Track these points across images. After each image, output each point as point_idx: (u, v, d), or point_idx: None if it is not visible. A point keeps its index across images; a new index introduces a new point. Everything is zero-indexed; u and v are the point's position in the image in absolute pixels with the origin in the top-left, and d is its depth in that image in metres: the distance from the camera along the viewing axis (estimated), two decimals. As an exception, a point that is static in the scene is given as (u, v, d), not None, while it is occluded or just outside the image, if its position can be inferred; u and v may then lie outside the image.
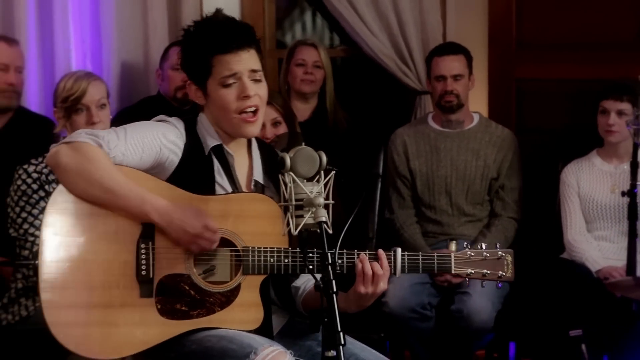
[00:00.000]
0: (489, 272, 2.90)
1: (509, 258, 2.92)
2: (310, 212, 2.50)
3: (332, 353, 2.38)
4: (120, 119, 4.45)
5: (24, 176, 3.74)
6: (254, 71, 2.81)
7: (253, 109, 2.81)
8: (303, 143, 2.60)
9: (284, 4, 5.53)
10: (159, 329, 2.67)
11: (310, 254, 2.65)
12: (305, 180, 2.55)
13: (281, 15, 5.48)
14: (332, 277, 2.43)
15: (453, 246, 4.35)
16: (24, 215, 3.72)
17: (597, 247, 4.31)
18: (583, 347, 3.97)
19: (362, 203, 2.87)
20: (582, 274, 4.17)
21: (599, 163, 4.42)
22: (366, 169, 4.63)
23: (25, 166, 3.75)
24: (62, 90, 3.79)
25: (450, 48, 4.58)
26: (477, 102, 4.99)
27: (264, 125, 4.16)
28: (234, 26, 2.81)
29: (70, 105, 3.76)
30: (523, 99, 5.06)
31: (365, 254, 2.81)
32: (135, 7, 4.94)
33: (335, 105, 4.84)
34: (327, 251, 2.46)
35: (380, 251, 2.81)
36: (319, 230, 2.50)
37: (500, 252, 2.92)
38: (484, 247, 2.93)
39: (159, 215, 2.64)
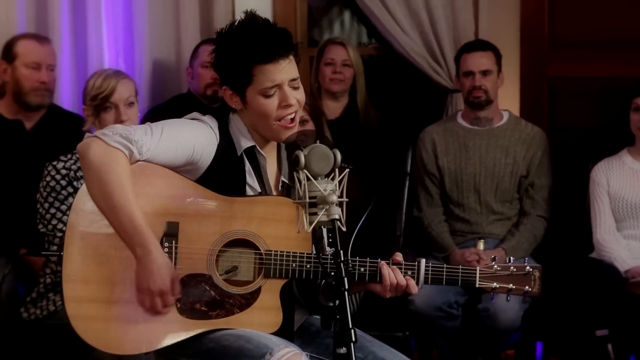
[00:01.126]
0: (514, 287, 2.84)
1: (537, 273, 2.86)
2: (323, 210, 2.49)
3: (343, 350, 2.38)
4: (150, 117, 4.53)
5: (52, 172, 3.80)
6: (293, 80, 2.79)
7: (293, 115, 2.81)
8: (318, 141, 2.59)
9: (316, 2, 5.54)
10: (177, 327, 2.69)
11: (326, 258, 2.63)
12: (319, 178, 2.54)
13: (314, 14, 5.49)
14: (343, 275, 2.42)
15: (481, 245, 4.39)
16: (52, 211, 3.77)
17: (626, 246, 4.28)
18: (609, 347, 3.95)
19: (374, 204, 2.84)
20: (610, 274, 4.14)
21: (630, 162, 4.39)
22: (394, 167, 4.62)
23: (55, 163, 3.80)
24: (91, 88, 3.84)
25: (478, 45, 4.58)
26: (509, 100, 4.98)
27: (291, 123, 4.20)
28: (274, 34, 2.76)
29: (99, 103, 3.81)
30: (555, 97, 5.03)
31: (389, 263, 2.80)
32: (167, 6, 4.99)
33: (366, 103, 4.85)
34: (339, 249, 2.46)
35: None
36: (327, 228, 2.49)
37: (528, 267, 2.86)
38: (512, 260, 2.88)
39: (142, 251, 2.61)
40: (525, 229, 4.43)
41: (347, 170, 2.60)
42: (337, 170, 2.58)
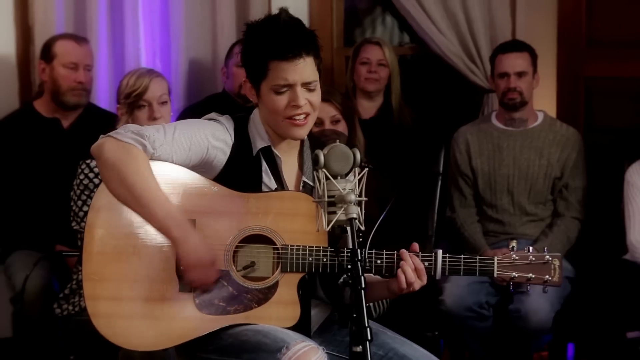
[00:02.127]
0: (534, 276, 2.83)
1: (557, 262, 2.85)
2: (342, 209, 2.51)
3: (359, 349, 2.39)
4: (186, 116, 4.58)
5: (86, 171, 3.85)
6: (307, 83, 2.79)
7: (303, 116, 2.82)
8: (338, 141, 2.61)
9: (354, 2, 5.55)
10: (196, 323, 2.72)
11: (342, 251, 2.65)
12: (339, 177, 2.55)
13: (351, 14, 5.50)
14: (360, 273, 2.43)
15: (513, 245, 4.35)
16: (85, 209, 3.82)
17: (660, 248, 4.23)
18: (641, 349, 3.92)
19: (393, 204, 2.85)
20: (642, 276, 4.10)
21: (665, 163, 4.34)
22: (427, 167, 4.62)
23: (88, 161, 3.86)
24: (125, 87, 3.90)
25: (514, 45, 4.55)
26: (545, 100, 4.95)
27: (322, 122, 4.21)
28: (296, 31, 2.78)
29: (133, 101, 3.87)
30: (591, 97, 4.99)
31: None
32: (204, 6, 5.03)
33: (400, 103, 4.85)
34: (356, 248, 2.47)
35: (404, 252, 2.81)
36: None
37: (547, 256, 2.85)
38: (531, 250, 2.88)
39: (178, 231, 2.65)
40: (559, 230, 4.40)
41: (367, 169, 2.60)
42: (356, 169, 2.59)
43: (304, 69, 2.78)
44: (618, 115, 4.89)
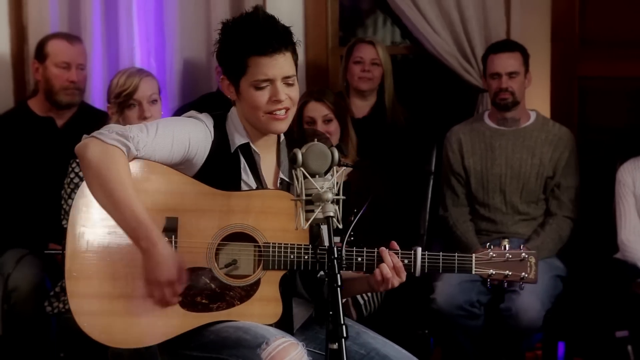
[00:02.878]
0: (511, 273, 2.89)
1: (533, 259, 2.91)
2: (319, 207, 2.52)
3: (335, 346, 2.40)
4: (180, 114, 4.58)
5: (77, 169, 3.89)
6: (287, 77, 2.83)
7: (283, 110, 2.85)
8: (316, 140, 2.62)
9: (348, 2, 5.56)
10: (179, 320, 2.74)
11: (322, 248, 2.67)
12: (317, 176, 2.57)
13: (346, 13, 5.51)
14: (337, 271, 2.45)
15: (505, 244, 4.36)
16: (75, 207, 3.85)
17: (651, 247, 4.24)
18: (629, 348, 3.92)
19: (370, 203, 2.86)
20: (632, 275, 4.10)
21: (657, 162, 4.34)
22: (419, 166, 4.63)
23: (79, 160, 3.87)
24: (115, 87, 3.93)
25: (505, 45, 4.55)
26: (539, 99, 4.95)
27: (315, 122, 4.24)
28: (273, 27, 2.80)
29: (123, 100, 3.90)
30: (585, 96, 4.98)
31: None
32: (199, 6, 5.05)
33: (394, 102, 4.86)
34: (332, 245, 2.48)
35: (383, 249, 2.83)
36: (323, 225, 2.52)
37: (523, 254, 2.91)
38: (507, 248, 2.92)
39: (146, 244, 2.64)
40: (551, 229, 4.41)
41: (344, 168, 2.62)
42: (335, 168, 2.61)
43: (284, 64, 2.81)
44: (612, 114, 4.90)
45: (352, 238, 3.70)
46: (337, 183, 2.57)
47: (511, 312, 4.11)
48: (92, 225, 2.75)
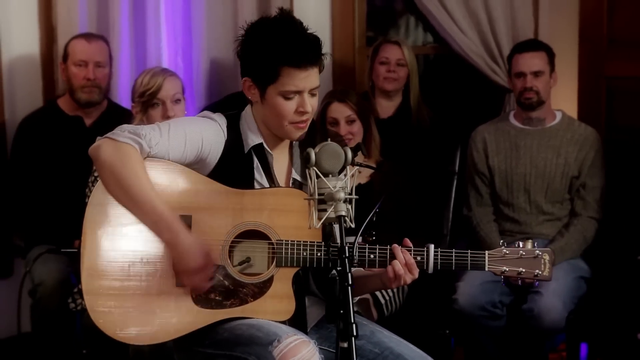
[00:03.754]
0: (524, 270, 2.90)
1: (547, 257, 2.91)
2: (332, 207, 2.54)
3: (345, 344, 2.42)
4: (206, 115, 4.62)
5: (101, 168, 3.92)
6: (314, 88, 2.86)
7: (306, 120, 2.88)
8: (329, 139, 2.64)
9: (376, 2, 5.57)
10: (193, 317, 2.77)
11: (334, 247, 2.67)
12: (331, 175, 2.59)
13: (373, 13, 5.51)
14: (348, 270, 2.47)
15: (529, 245, 4.35)
16: (99, 205, 3.89)
17: (675, 249, 4.21)
18: (651, 350, 3.90)
19: (390, 202, 2.88)
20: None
21: (682, 163, 4.31)
22: (443, 166, 4.63)
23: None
24: (139, 86, 3.98)
25: (530, 45, 4.54)
26: (567, 99, 4.94)
27: (338, 123, 4.25)
28: (308, 39, 2.82)
29: (147, 99, 3.95)
30: (613, 96, 4.95)
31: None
32: (226, 6, 5.06)
33: (419, 103, 4.85)
34: (344, 245, 2.50)
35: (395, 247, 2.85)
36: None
37: (537, 251, 2.91)
38: (521, 245, 2.92)
39: (170, 235, 2.70)
40: (575, 230, 4.38)
41: (356, 168, 2.64)
42: (347, 168, 2.63)
43: (314, 77, 2.84)
44: (639, 114, 4.85)
45: (374, 238, 3.72)
46: (350, 182, 2.58)
47: (533, 313, 4.10)
48: (106, 223, 2.79)
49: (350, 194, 2.58)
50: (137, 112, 3.97)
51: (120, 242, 2.78)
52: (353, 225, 2.58)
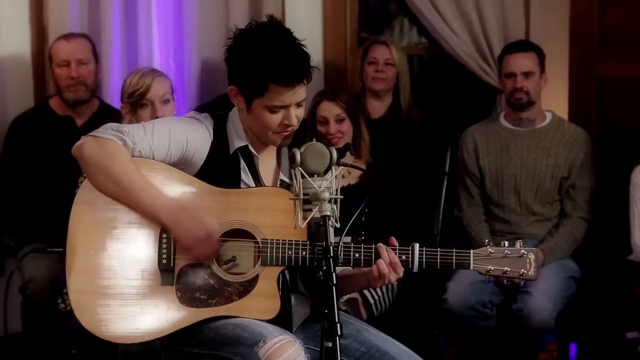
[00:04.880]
0: (509, 269, 2.89)
1: (532, 256, 2.90)
2: (317, 206, 2.55)
3: (330, 344, 2.43)
4: (196, 115, 4.62)
5: (90, 168, 3.92)
6: (300, 102, 2.85)
7: (290, 129, 2.88)
8: (314, 140, 2.65)
9: (367, 2, 5.57)
10: (178, 316, 2.77)
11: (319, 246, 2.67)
12: (316, 175, 2.60)
13: (365, 14, 5.52)
14: (332, 270, 2.47)
15: (519, 245, 4.35)
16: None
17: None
18: (640, 349, 3.91)
19: (368, 202, 2.87)
20: (644, 277, 4.09)
21: (672, 164, 4.31)
22: (433, 166, 4.64)
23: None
24: (128, 86, 3.98)
25: (520, 45, 4.55)
26: (557, 100, 4.94)
27: (327, 122, 4.26)
28: (297, 57, 2.79)
29: (136, 100, 3.95)
30: (603, 97, 4.96)
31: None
32: (217, 6, 5.07)
33: (410, 103, 4.86)
34: (329, 245, 2.51)
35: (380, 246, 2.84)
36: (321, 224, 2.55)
37: (522, 251, 2.91)
38: (506, 244, 2.92)
39: (168, 215, 2.74)
40: (565, 230, 4.39)
41: (341, 168, 2.65)
42: (333, 168, 2.63)
43: (302, 92, 2.84)
44: (630, 115, 4.85)
45: (363, 238, 3.72)
46: (335, 183, 2.59)
47: (523, 313, 4.11)
48: (91, 222, 2.80)
49: (336, 194, 2.59)
50: (126, 112, 3.98)
51: (105, 241, 2.78)
52: (338, 225, 2.59)
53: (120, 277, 2.77)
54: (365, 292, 4.02)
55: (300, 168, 2.59)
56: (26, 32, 4.94)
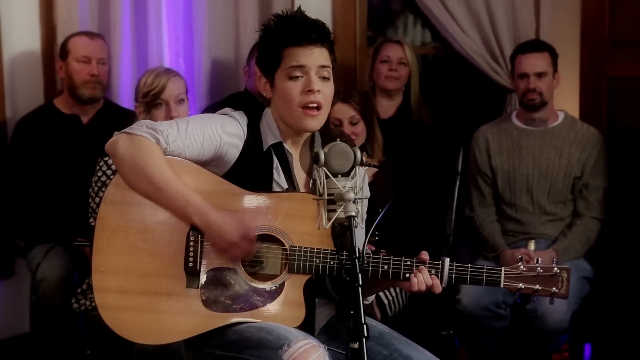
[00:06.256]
0: (541, 287, 2.80)
1: (565, 275, 2.81)
2: (341, 207, 2.53)
3: (356, 345, 2.41)
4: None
5: (104, 168, 3.91)
6: (322, 67, 2.82)
7: (315, 105, 2.82)
8: (338, 139, 2.63)
9: (377, 2, 5.56)
10: (202, 319, 2.75)
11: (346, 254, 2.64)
12: (340, 175, 2.58)
13: (374, 13, 5.51)
14: (358, 271, 2.45)
15: (532, 245, 4.36)
16: (103, 205, 3.87)
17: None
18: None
19: (393, 202, 2.84)
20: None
21: (684, 163, 4.31)
22: (445, 166, 4.62)
23: (106, 158, 3.91)
24: (142, 86, 3.96)
25: (534, 45, 4.54)
26: (568, 100, 4.93)
27: (341, 123, 4.23)
28: (310, 22, 2.83)
29: (150, 100, 3.92)
30: (615, 97, 4.94)
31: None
32: (227, 6, 5.06)
33: (420, 102, 4.85)
34: (354, 245, 2.49)
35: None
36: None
37: (555, 269, 2.82)
38: (539, 261, 2.85)
39: (200, 218, 2.71)
40: (578, 230, 4.38)
41: (366, 168, 2.62)
42: (357, 168, 2.61)
43: (319, 56, 2.82)
44: (641, 115, 4.86)
45: (376, 238, 3.70)
46: (359, 183, 2.57)
47: (537, 314, 4.10)
48: (120, 220, 2.77)
49: (360, 194, 2.57)
50: (141, 112, 3.96)
51: (132, 241, 2.76)
52: (363, 226, 2.57)
53: (146, 277, 2.75)
54: (380, 292, 3.99)
55: (324, 168, 2.56)
56: (36, 31, 4.93)
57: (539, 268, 2.82)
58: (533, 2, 5.00)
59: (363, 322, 2.40)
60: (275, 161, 2.89)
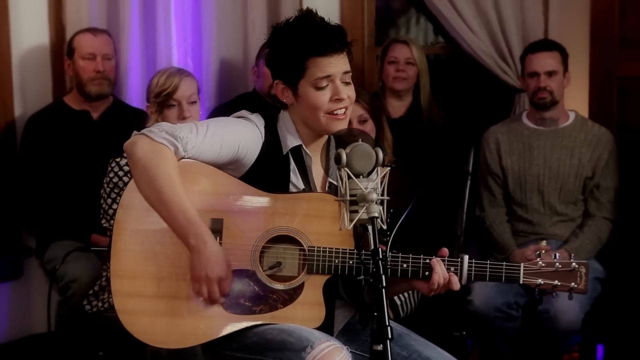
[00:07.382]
0: (560, 283, 2.82)
1: (583, 270, 2.83)
2: (364, 208, 2.51)
3: (380, 347, 2.39)
4: (216, 115, 4.59)
5: (116, 169, 3.89)
6: (345, 73, 2.82)
7: (343, 109, 2.83)
8: (360, 140, 2.61)
9: (385, 1, 5.54)
10: (221, 322, 2.74)
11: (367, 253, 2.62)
12: (362, 176, 2.56)
13: (382, 13, 5.49)
14: (381, 272, 2.44)
15: (544, 243, 4.32)
16: (115, 207, 3.86)
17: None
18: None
19: (418, 203, 2.83)
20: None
21: (694, 163, 4.30)
22: (456, 167, 4.61)
23: (118, 159, 3.89)
24: (155, 86, 3.94)
25: (544, 44, 4.53)
26: (578, 99, 4.91)
27: (350, 122, 4.21)
28: (330, 28, 2.81)
29: (163, 100, 3.91)
30: (624, 97, 4.92)
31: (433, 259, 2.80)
32: (236, 6, 5.05)
33: (430, 102, 4.84)
34: (377, 246, 2.47)
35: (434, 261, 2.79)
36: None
37: (574, 264, 2.83)
38: (557, 257, 2.86)
39: (196, 241, 2.66)
40: (590, 230, 4.37)
41: (388, 169, 2.61)
42: (379, 168, 2.60)
43: (342, 63, 2.81)
44: (651, 115, 4.85)
45: (388, 239, 3.68)
46: (381, 183, 2.55)
47: (549, 314, 4.08)
48: (138, 224, 2.76)
49: (382, 194, 2.55)
50: (153, 112, 3.94)
51: (150, 245, 2.74)
52: (385, 227, 2.55)
53: (165, 281, 2.74)
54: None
55: (346, 169, 2.54)
56: (45, 31, 4.93)
57: (557, 263, 2.84)
58: (542, 1, 4.98)
59: (387, 324, 2.38)
60: (293, 164, 2.88)
